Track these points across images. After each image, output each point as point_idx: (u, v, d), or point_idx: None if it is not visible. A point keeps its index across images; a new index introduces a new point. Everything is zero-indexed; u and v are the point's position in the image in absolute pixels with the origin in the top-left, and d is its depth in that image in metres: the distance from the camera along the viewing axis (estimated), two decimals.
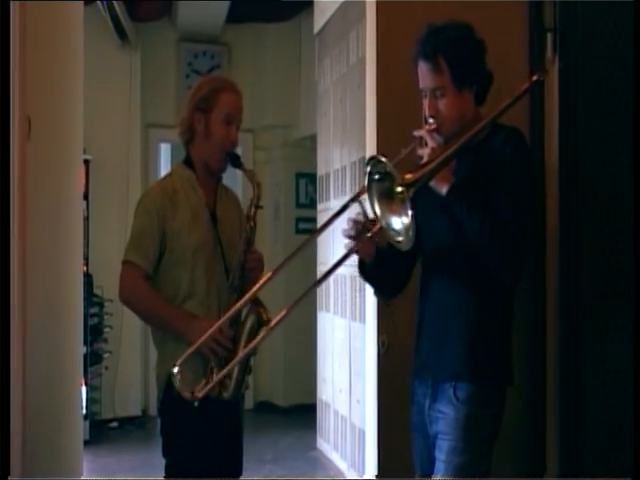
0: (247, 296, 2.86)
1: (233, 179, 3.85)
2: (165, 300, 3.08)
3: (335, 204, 6.22)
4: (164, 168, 8.56)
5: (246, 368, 3.09)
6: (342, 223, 6.02)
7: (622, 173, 2.83)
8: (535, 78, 2.68)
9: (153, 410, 7.38)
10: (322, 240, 6.56)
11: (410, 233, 2.42)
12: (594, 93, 2.89)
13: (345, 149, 5.97)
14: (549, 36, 2.97)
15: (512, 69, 2.94)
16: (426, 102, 2.71)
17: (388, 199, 2.49)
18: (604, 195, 2.91)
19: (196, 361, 3.03)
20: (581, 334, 2.98)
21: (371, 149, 4.75)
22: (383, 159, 2.43)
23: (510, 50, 2.97)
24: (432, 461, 2.71)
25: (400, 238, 2.49)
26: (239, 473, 3.26)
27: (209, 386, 2.87)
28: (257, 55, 8.47)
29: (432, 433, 2.74)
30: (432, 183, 2.61)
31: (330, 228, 6.53)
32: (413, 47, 2.69)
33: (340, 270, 5.93)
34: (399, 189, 2.42)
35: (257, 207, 3.15)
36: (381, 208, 2.51)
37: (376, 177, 2.49)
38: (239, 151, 3.31)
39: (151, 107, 7.93)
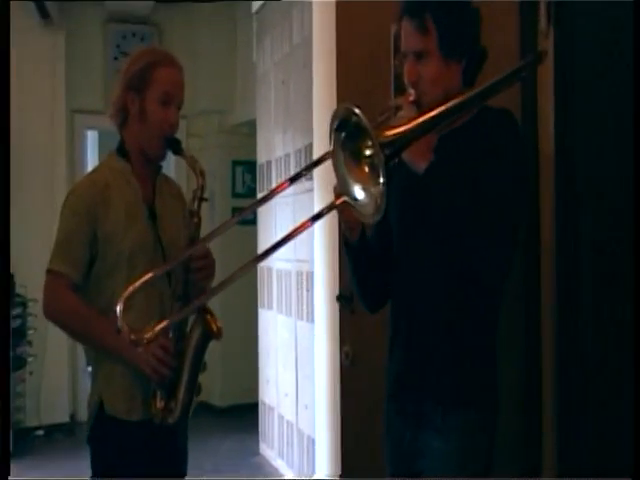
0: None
1: (167, 168, 3.44)
2: (98, 314, 2.66)
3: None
4: (91, 157, 8.23)
5: (194, 388, 2.67)
6: (284, 213, 5.65)
7: (626, 159, 2.46)
8: (536, 54, 2.33)
9: (82, 416, 6.96)
10: (264, 232, 6.33)
11: (379, 202, 1.97)
12: (596, 69, 2.51)
13: (289, 135, 5.67)
14: (542, 3, 2.58)
15: (500, 42, 2.55)
16: (407, 66, 2.32)
17: (356, 162, 2.05)
18: (605, 184, 2.53)
19: (130, 384, 2.65)
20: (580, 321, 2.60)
21: (319, 134, 4.52)
22: (357, 111, 1.97)
23: (498, 20, 2.57)
24: None
25: (365, 212, 2.04)
26: None
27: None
28: (190, 36, 8.12)
29: (416, 469, 2.33)
30: (408, 158, 2.20)
31: (272, 220, 6.16)
32: (399, 5, 2.30)
33: (284, 265, 5.76)
34: (371, 151, 1.99)
35: (201, 200, 2.75)
36: (348, 174, 2.07)
37: (343, 135, 2.04)
38: None
39: (77, 92, 7.52)
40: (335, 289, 3.74)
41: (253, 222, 6.71)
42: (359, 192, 2.06)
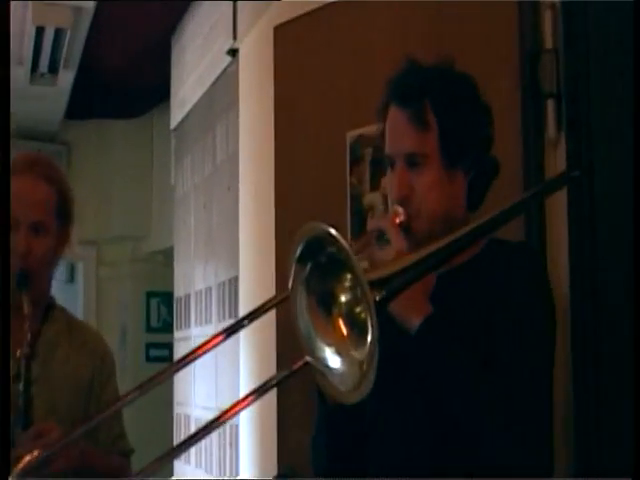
0: None
1: None
2: None
3: (197, 332, 5.39)
4: None
5: None
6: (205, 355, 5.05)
7: None
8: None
9: None
10: (181, 375, 5.62)
11: (366, 369, 1.34)
12: (618, 184, 1.98)
13: (210, 266, 5.12)
14: (550, 104, 2.04)
15: (499, 146, 1.99)
16: (394, 176, 1.72)
17: (325, 313, 1.43)
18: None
19: None
20: None
21: (246, 266, 4.11)
22: (334, 232, 1.34)
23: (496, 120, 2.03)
24: None
25: (343, 387, 1.39)
26: None
27: None
28: (103, 156, 7.66)
29: None
30: (396, 311, 1.60)
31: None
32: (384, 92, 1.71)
33: (204, 414, 5.12)
34: (349, 296, 1.39)
35: (28, 359, 2.15)
36: (314, 329, 1.43)
37: (309, 268, 1.42)
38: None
39: None
40: (267, 445, 3.35)
41: (169, 359, 6.32)
42: (332, 357, 1.41)
